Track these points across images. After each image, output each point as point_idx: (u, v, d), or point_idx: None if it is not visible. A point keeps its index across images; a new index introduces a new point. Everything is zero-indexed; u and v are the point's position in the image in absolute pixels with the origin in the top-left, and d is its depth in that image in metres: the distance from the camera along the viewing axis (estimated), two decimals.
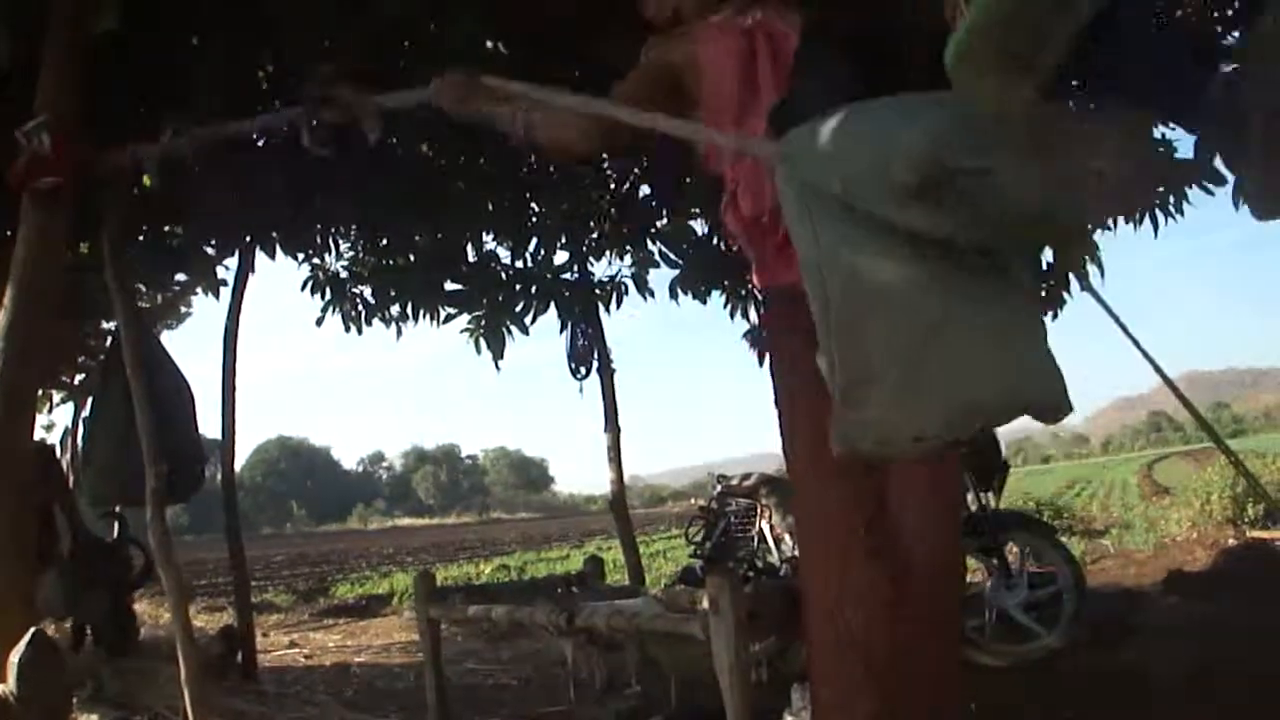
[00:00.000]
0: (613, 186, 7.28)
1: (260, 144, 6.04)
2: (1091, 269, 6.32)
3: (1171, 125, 5.98)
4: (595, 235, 7.64)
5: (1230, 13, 5.44)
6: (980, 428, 1.97)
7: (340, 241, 7.39)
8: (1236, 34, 5.39)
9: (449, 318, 7.53)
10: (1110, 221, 6.40)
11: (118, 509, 6.84)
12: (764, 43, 2.47)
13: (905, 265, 1.95)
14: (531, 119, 2.66)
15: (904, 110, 2.00)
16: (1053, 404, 1.97)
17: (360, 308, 7.64)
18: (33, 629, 3.21)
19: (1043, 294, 6.46)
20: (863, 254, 1.99)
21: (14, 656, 3.12)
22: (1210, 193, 6.11)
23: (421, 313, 7.54)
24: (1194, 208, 6.29)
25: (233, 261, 6.69)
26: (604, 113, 2.58)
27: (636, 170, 7.03)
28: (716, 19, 2.56)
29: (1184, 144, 5.96)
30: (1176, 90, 2.13)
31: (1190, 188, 6.18)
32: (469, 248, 7.53)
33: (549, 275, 7.63)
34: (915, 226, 1.92)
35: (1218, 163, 5.55)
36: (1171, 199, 6.26)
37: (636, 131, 2.64)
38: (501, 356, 7.55)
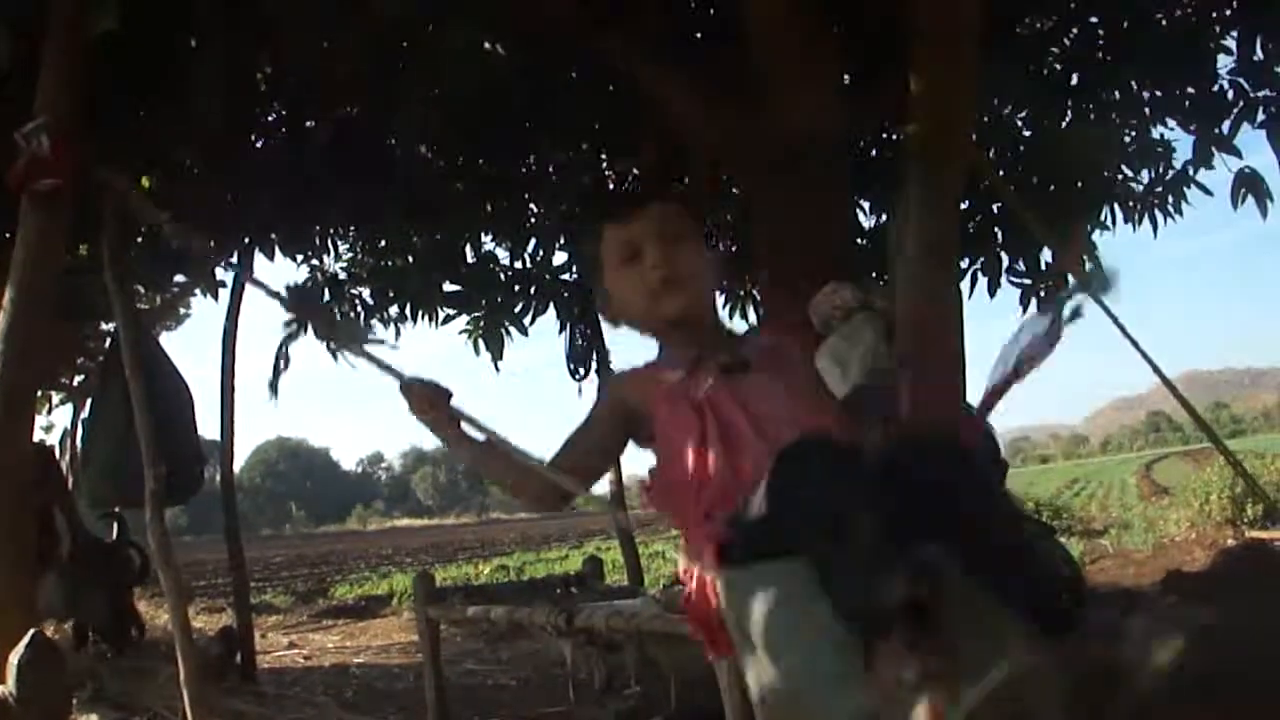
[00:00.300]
0: (611, 187, 7.28)
1: (259, 145, 6.06)
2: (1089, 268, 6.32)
3: (1169, 125, 6.03)
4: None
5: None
6: None
7: (339, 242, 7.40)
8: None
9: (448, 319, 7.52)
10: (1109, 221, 6.41)
11: (116, 510, 6.86)
12: (712, 418, 2.42)
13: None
14: (487, 465, 2.67)
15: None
16: None
17: (359, 309, 7.64)
18: (32, 630, 3.21)
19: (1042, 293, 6.46)
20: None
21: (13, 658, 3.12)
22: (1209, 193, 6.12)
23: (420, 314, 7.54)
24: (1193, 207, 6.29)
25: (231, 262, 6.69)
26: (566, 488, 2.58)
27: (635, 171, 7.03)
28: (671, 378, 2.52)
29: (1183, 144, 5.96)
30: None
31: (1189, 188, 6.19)
32: (468, 249, 7.53)
33: (548, 276, 7.62)
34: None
35: (1216, 162, 5.62)
36: (1170, 199, 6.26)
37: (590, 480, 2.67)
38: (500, 357, 7.54)
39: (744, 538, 2.05)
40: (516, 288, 7.53)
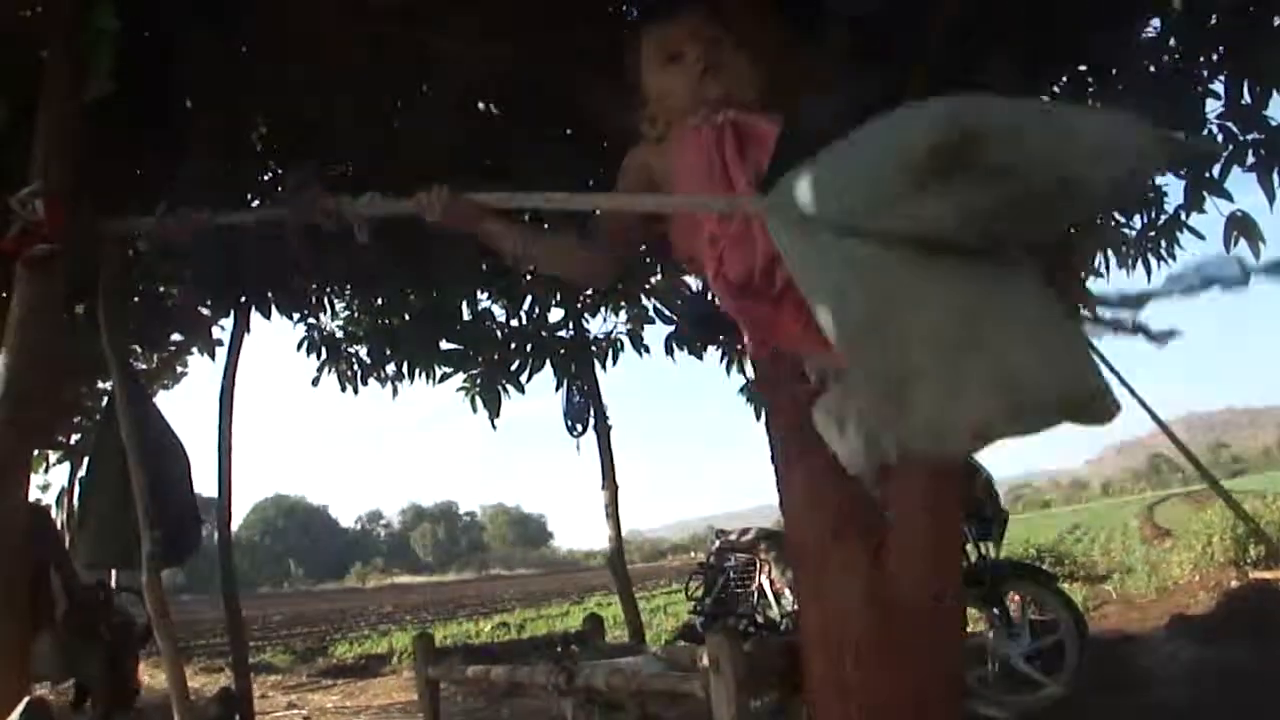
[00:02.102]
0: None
1: (254, 204, 6.07)
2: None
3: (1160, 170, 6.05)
4: (589, 292, 7.65)
5: None
6: (1035, 426, 1.93)
7: (335, 301, 7.41)
8: None
9: (445, 376, 7.53)
10: (1102, 267, 6.43)
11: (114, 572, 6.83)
12: (730, 137, 2.49)
13: (924, 267, 1.93)
14: (532, 253, 2.69)
15: (898, 115, 2.01)
16: (1100, 401, 1.93)
17: (356, 367, 7.65)
18: (27, 698, 3.18)
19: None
20: (878, 265, 1.97)
21: None
22: (1201, 236, 6.14)
23: (417, 372, 7.55)
24: (1185, 251, 6.32)
25: (228, 322, 6.69)
26: (594, 206, 2.61)
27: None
28: (691, 121, 2.59)
29: (1174, 188, 5.98)
30: None
31: (1181, 232, 6.21)
32: (464, 306, 7.55)
33: (544, 333, 7.64)
34: (925, 223, 1.90)
35: (1208, 205, 5.64)
36: (1163, 243, 6.28)
37: (629, 252, 2.70)
38: (498, 414, 7.54)
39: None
40: (513, 345, 7.55)
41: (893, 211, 1.93)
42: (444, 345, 7.46)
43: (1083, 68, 5.64)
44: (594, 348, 7.83)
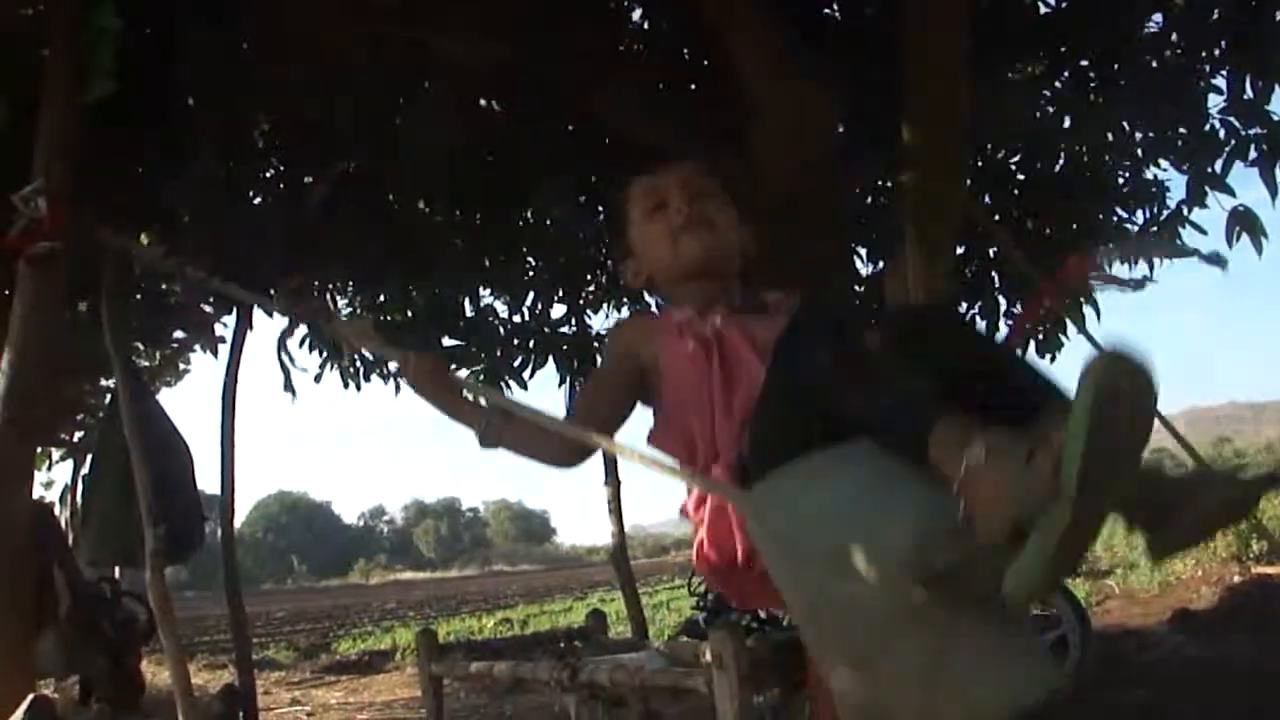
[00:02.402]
0: (608, 240, 7.31)
1: (256, 202, 6.08)
2: (1087, 310, 6.34)
3: (1162, 165, 6.06)
4: (592, 288, 7.66)
5: None
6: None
7: (337, 298, 7.42)
8: None
9: None
10: (1105, 264, 6.43)
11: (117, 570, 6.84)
12: (718, 356, 2.42)
13: (899, 612, 1.93)
14: (503, 435, 2.60)
15: (884, 496, 1.97)
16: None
17: (358, 364, 7.66)
18: (32, 695, 3.19)
19: (1040, 337, 6.48)
20: (855, 604, 1.97)
21: None
22: (1204, 232, 6.13)
23: None
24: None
25: (230, 319, 6.70)
26: (572, 434, 2.55)
27: None
28: (680, 317, 2.52)
29: (1176, 184, 5.98)
30: None
31: (1183, 227, 6.21)
32: (466, 303, 7.56)
33: (546, 329, 7.63)
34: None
35: (1210, 200, 5.65)
36: (1165, 238, 6.28)
37: (606, 435, 2.63)
38: None
39: (762, 433, 2.06)
40: (515, 341, 7.55)
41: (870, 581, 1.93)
42: (446, 342, 7.46)
43: (1084, 63, 5.65)
44: (596, 344, 7.83)
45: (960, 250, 5.72)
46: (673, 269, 2.60)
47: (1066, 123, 5.88)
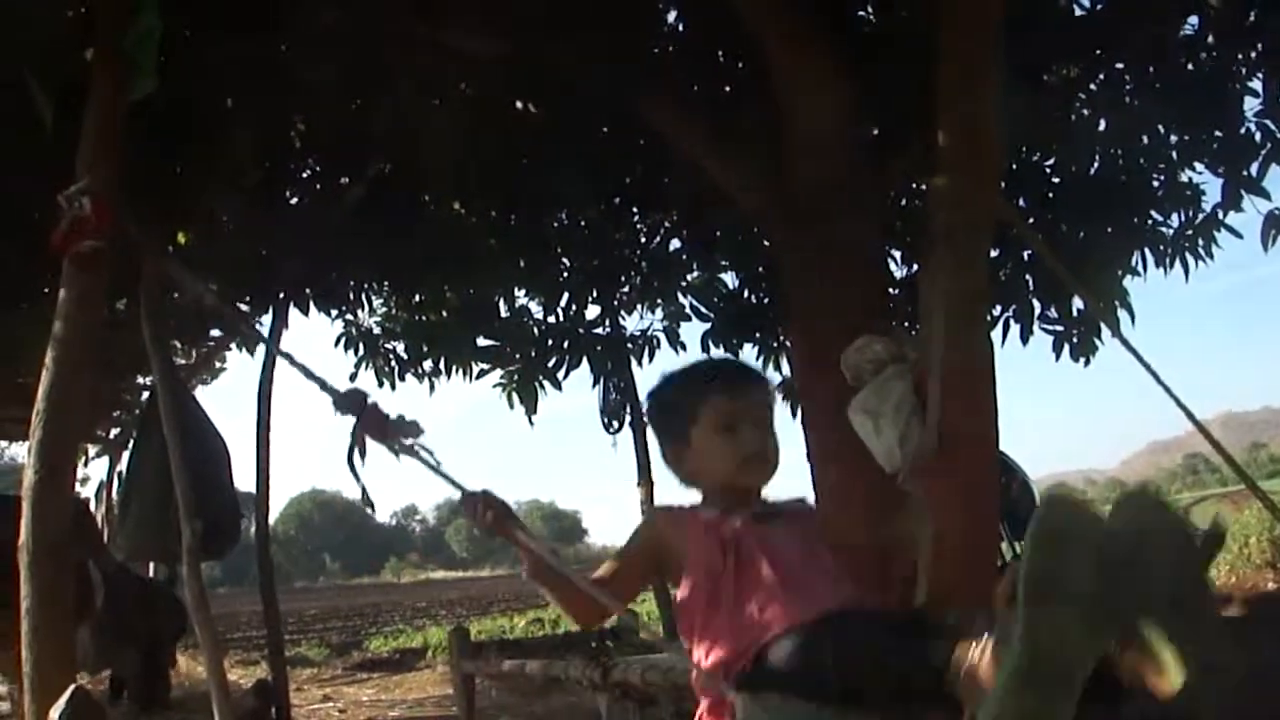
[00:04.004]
0: (643, 241, 7.32)
1: (293, 201, 6.12)
2: (1122, 313, 6.31)
3: (1198, 169, 6.02)
4: (626, 289, 7.66)
5: None
6: None
7: (373, 298, 7.46)
8: None
9: (482, 373, 7.56)
10: (1140, 266, 6.40)
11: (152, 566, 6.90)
12: (734, 551, 2.53)
13: None
14: (546, 579, 2.72)
15: None
16: None
17: (393, 363, 7.69)
18: (72, 687, 3.23)
19: (1074, 340, 6.45)
20: None
21: (54, 713, 3.14)
22: (1239, 235, 6.10)
23: (454, 368, 7.58)
24: (1222, 249, 6.28)
25: (266, 318, 6.74)
26: (603, 602, 2.65)
27: (667, 224, 7.08)
28: (707, 517, 2.61)
29: (1212, 187, 5.94)
30: None
31: (1219, 231, 6.17)
32: (501, 303, 7.59)
33: (581, 329, 7.65)
34: None
35: (1245, 204, 5.61)
36: (1200, 242, 6.25)
37: (629, 597, 2.77)
38: (535, 411, 7.57)
39: (766, 673, 2.15)
40: (550, 342, 7.57)
41: None
42: (481, 341, 7.49)
43: (1119, 66, 5.63)
44: (630, 344, 7.83)
45: (994, 253, 5.70)
46: (724, 487, 2.69)
47: (1101, 126, 5.86)
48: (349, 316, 7.54)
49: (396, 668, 12.82)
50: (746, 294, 7.32)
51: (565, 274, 7.39)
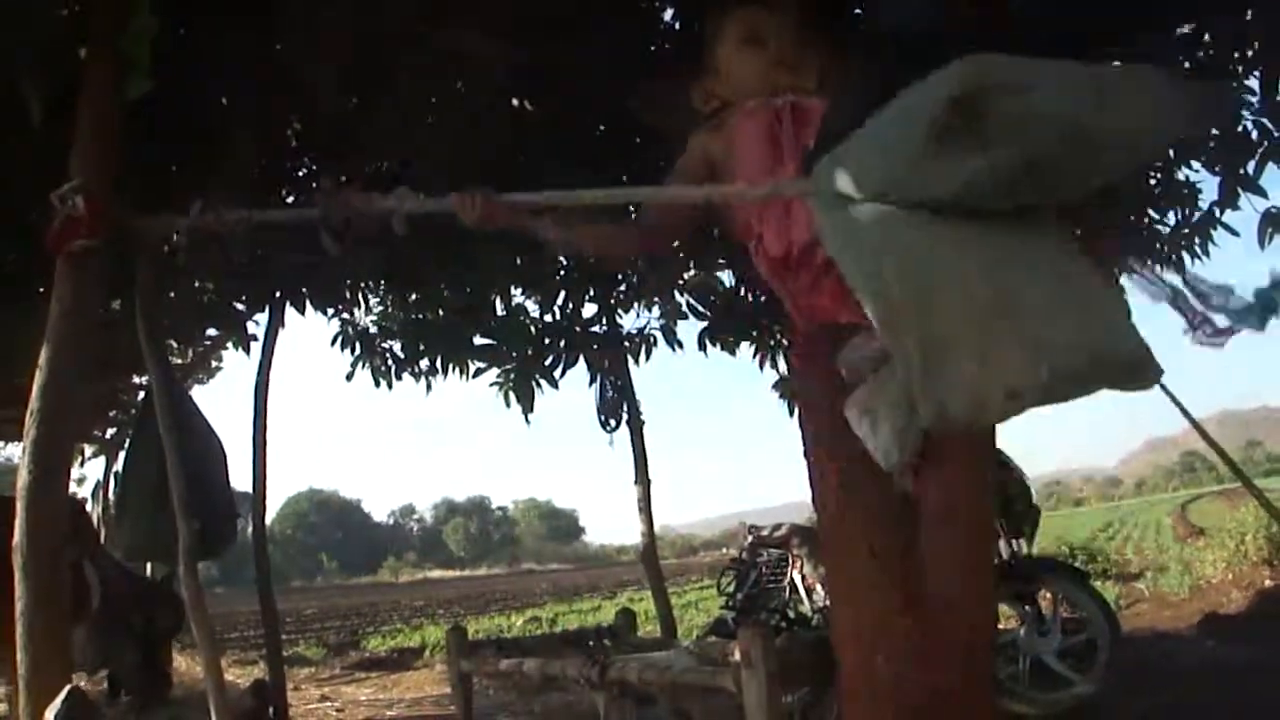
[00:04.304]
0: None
1: (290, 200, 6.11)
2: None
3: (1195, 167, 6.02)
4: (623, 288, 7.67)
5: None
6: (1071, 390, 1.95)
7: (369, 296, 7.45)
8: None
9: (478, 372, 7.56)
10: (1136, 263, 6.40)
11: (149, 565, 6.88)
12: (789, 116, 2.54)
13: (956, 240, 1.99)
14: (570, 236, 2.72)
15: (921, 84, 2.06)
16: (1139, 363, 1.96)
17: (390, 362, 7.69)
18: (68, 686, 3.22)
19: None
20: (914, 242, 2.02)
21: (49, 713, 3.13)
22: (1235, 233, 6.11)
23: (451, 367, 7.58)
24: (1219, 248, 6.29)
25: (262, 317, 6.74)
26: (640, 199, 2.65)
27: None
28: (750, 104, 2.63)
29: (1209, 185, 5.95)
30: None
31: (1215, 229, 6.18)
32: (497, 302, 7.58)
33: (577, 328, 7.64)
34: (957, 185, 1.95)
35: (1243, 202, 5.61)
36: (1197, 240, 6.25)
37: (675, 228, 2.75)
38: (531, 409, 7.56)
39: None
40: (546, 340, 7.57)
41: (925, 180, 1.97)
42: (477, 340, 7.49)
43: (1117, 64, 5.62)
44: (627, 343, 7.83)
45: None
46: (755, 95, 2.71)
47: None
48: (345, 315, 7.55)
49: (394, 667, 12.83)
50: (743, 292, 7.33)
51: (562, 272, 7.39)
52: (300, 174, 6.10)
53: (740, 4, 2.83)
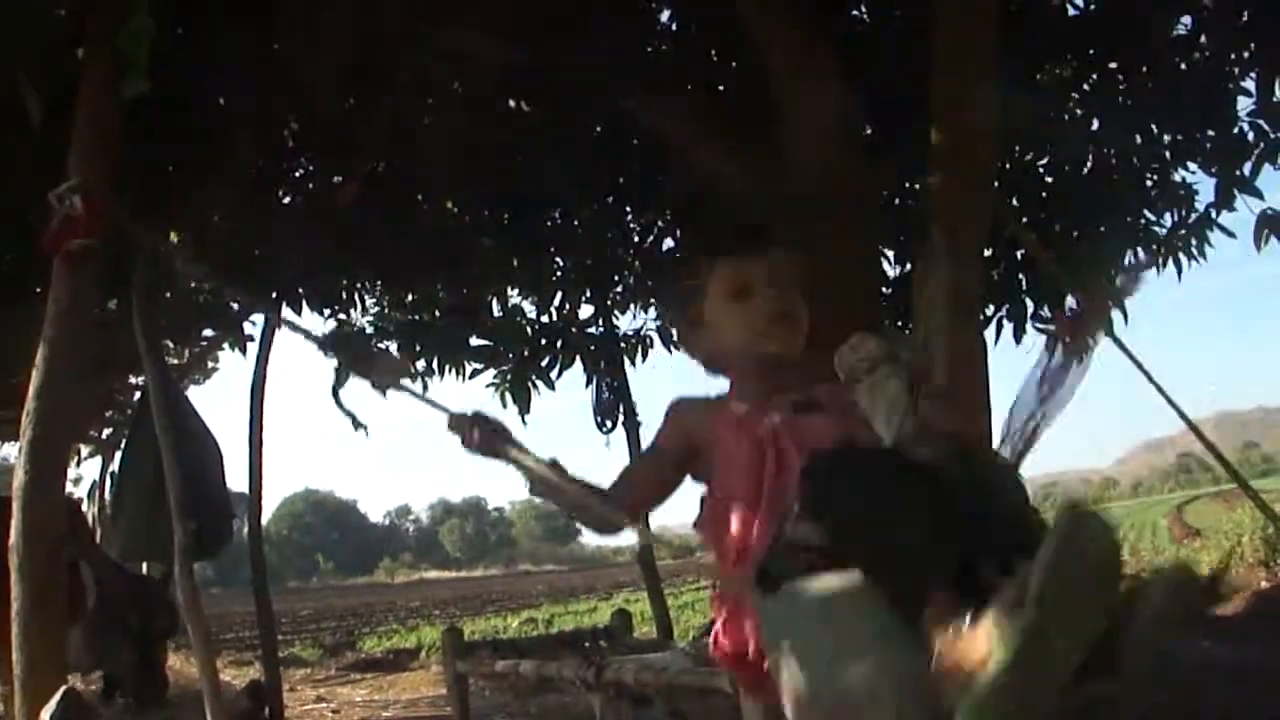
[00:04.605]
0: (637, 240, 7.31)
1: (287, 200, 6.11)
2: (1115, 313, 6.33)
3: (1191, 168, 6.03)
4: (619, 289, 7.67)
5: None
6: None
7: (366, 297, 7.45)
8: None
9: (475, 373, 7.56)
10: (1133, 264, 6.40)
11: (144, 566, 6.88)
12: (773, 452, 2.44)
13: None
14: (548, 490, 2.65)
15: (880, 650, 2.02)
16: None
17: None
18: (64, 687, 3.22)
19: (1068, 340, 6.45)
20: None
21: (45, 714, 3.13)
22: (1232, 235, 6.11)
23: (447, 368, 7.58)
24: (1215, 249, 6.30)
25: (259, 317, 6.74)
26: (615, 523, 2.60)
27: (660, 224, 7.07)
28: (739, 411, 2.52)
29: (1205, 186, 5.96)
30: None
31: (1211, 230, 6.18)
32: (494, 303, 7.58)
33: (574, 329, 7.64)
34: None
35: (1238, 203, 5.62)
36: (1193, 241, 6.26)
37: (662, 489, 2.70)
38: (528, 411, 7.56)
39: (781, 553, 2.06)
40: (543, 341, 7.56)
41: None
42: (474, 341, 7.48)
43: (1113, 66, 5.63)
44: (623, 344, 7.82)
45: (988, 252, 5.70)
46: (747, 359, 2.59)
47: (1094, 125, 5.86)
48: (342, 316, 7.54)
49: (390, 668, 12.80)
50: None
51: (558, 273, 7.39)
52: (299, 174, 6.10)
53: (729, 255, 2.71)
